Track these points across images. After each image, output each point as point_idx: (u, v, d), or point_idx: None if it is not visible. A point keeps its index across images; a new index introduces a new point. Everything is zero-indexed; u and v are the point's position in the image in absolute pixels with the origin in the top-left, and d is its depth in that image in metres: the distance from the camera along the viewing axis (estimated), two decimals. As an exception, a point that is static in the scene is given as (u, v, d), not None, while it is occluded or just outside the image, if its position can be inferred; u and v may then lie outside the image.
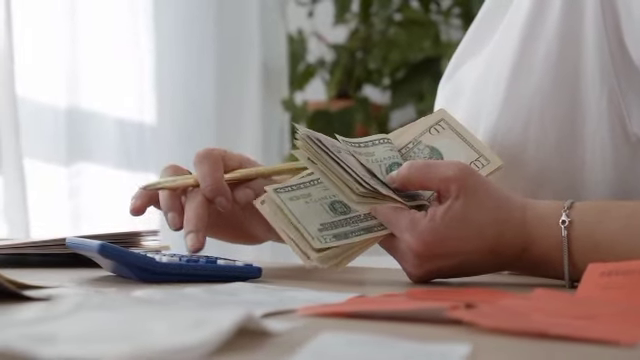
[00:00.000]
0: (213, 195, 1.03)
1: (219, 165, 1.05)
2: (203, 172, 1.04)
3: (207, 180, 1.03)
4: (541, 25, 1.09)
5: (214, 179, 1.03)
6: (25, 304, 0.73)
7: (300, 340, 0.59)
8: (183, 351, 0.48)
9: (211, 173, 1.04)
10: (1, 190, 1.73)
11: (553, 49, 1.08)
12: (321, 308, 0.70)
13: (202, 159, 1.05)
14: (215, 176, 1.04)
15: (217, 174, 1.04)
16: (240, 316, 0.54)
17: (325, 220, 0.96)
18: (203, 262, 0.95)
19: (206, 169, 1.04)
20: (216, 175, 1.04)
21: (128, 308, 0.58)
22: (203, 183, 1.04)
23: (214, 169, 1.04)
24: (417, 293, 0.85)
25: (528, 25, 1.10)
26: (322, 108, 2.75)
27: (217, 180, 1.04)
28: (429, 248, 0.94)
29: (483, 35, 1.23)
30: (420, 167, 0.97)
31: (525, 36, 1.10)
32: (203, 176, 1.04)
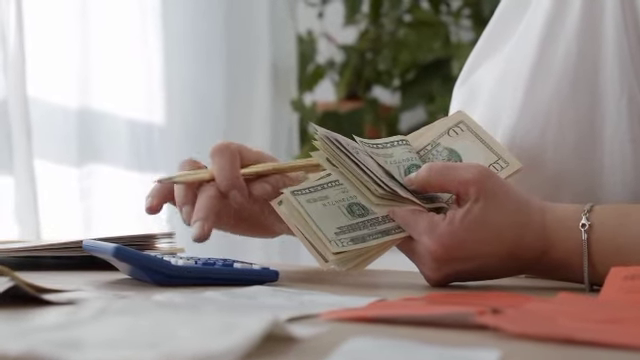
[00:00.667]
0: (227, 189, 1.02)
1: (235, 159, 1.04)
2: (219, 166, 1.03)
3: (222, 174, 1.02)
4: (561, 25, 1.08)
5: (229, 173, 1.02)
6: (45, 308, 0.72)
7: (326, 345, 0.58)
8: (212, 357, 0.48)
9: (226, 167, 1.03)
10: (12, 191, 1.72)
11: (572, 49, 1.07)
12: (345, 312, 0.69)
13: (218, 152, 1.04)
14: (230, 170, 1.03)
15: (233, 168, 1.03)
16: (267, 321, 0.53)
17: (342, 223, 0.95)
18: (219, 265, 0.94)
19: (222, 163, 1.03)
20: (232, 169, 1.03)
21: (152, 313, 0.57)
22: (218, 177, 1.03)
23: (230, 163, 1.03)
24: (437, 297, 0.85)
25: (547, 26, 1.09)
26: (331, 109, 2.74)
27: (232, 174, 1.03)
28: (448, 251, 0.93)
29: (498, 38, 1.22)
30: (439, 169, 0.96)
31: (544, 37, 1.09)
32: (218, 169, 1.03)
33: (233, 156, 1.04)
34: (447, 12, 2.80)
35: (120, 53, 2.15)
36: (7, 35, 1.71)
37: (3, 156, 1.71)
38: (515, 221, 0.94)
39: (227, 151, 1.04)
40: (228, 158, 1.03)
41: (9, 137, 1.71)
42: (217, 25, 2.46)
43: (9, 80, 1.71)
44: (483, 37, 1.26)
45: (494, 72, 1.17)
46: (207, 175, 1.04)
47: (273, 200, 1.01)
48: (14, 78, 1.73)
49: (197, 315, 0.56)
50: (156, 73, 2.26)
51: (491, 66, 1.21)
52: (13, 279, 0.73)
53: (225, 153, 1.03)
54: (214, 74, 2.45)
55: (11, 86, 1.72)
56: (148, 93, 2.23)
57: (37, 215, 1.75)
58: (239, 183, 1.03)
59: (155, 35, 2.26)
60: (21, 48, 1.74)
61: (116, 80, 2.13)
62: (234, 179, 1.02)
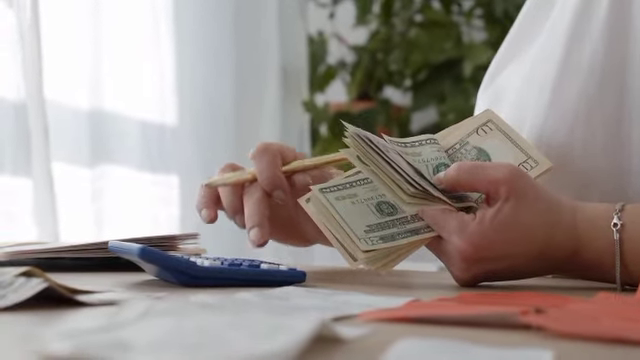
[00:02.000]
0: (271, 188, 1.04)
1: (277, 159, 1.06)
2: (261, 166, 1.05)
3: (265, 174, 1.05)
4: (587, 24, 1.08)
5: (272, 173, 1.05)
6: (80, 309, 0.71)
7: (373, 346, 0.57)
8: (269, 358, 0.47)
9: (269, 167, 1.05)
10: (31, 193, 1.71)
11: (599, 48, 1.06)
12: (385, 313, 0.68)
13: (260, 153, 1.06)
14: (273, 170, 1.05)
15: (275, 168, 1.05)
16: (316, 322, 0.52)
17: (372, 221, 0.94)
18: (246, 266, 0.93)
19: (264, 163, 1.05)
20: (274, 169, 1.05)
21: (196, 315, 0.56)
22: (261, 177, 1.05)
23: (272, 163, 1.05)
24: (469, 297, 0.83)
25: (574, 24, 1.08)
26: (343, 110, 2.73)
27: (275, 173, 1.05)
28: (477, 251, 0.92)
29: (522, 40, 1.22)
30: (469, 168, 0.95)
31: (571, 36, 1.08)
32: (261, 170, 1.05)
33: (274, 156, 1.06)
34: (459, 12, 2.79)
35: (132, 55, 2.14)
36: (25, 38, 1.71)
37: (22, 158, 1.70)
38: (546, 221, 0.93)
39: (268, 151, 1.06)
40: (269, 158, 1.05)
41: (28, 139, 1.71)
42: (227, 26, 2.45)
43: (28, 83, 1.70)
44: (507, 40, 1.26)
45: (520, 72, 1.16)
46: (250, 176, 1.06)
47: (301, 198, 1.00)
48: (32, 81, 1.72)
49: (242, 317, 0.55)
50: (168, 74, 2.25)
51: (516, 67, 1.20)
52: (46, 280, 0.72)
53: (266, 154, 1.06)
54: (224, 75, 2.44)
55: (29, 89, 1.71)
56: (160, 94, 2.22)
57: (55, 217, 1.74)
58: (282, 182, 1.05)
59: (167, 37, 2.25)
60: (38, 51, 1.73)
61: (128, 82, 2.13)
62: (277, 178, 1.05)
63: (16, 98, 1.72)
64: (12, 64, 1.71)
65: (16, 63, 1.71)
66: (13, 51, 1.71)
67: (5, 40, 1.71)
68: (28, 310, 0.69)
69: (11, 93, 1.71)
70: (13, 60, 1.71)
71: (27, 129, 1.70)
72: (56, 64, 1.88)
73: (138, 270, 1.02)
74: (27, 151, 1.70)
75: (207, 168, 2.36)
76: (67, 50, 1.96)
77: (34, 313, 0.69)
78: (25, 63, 1.70)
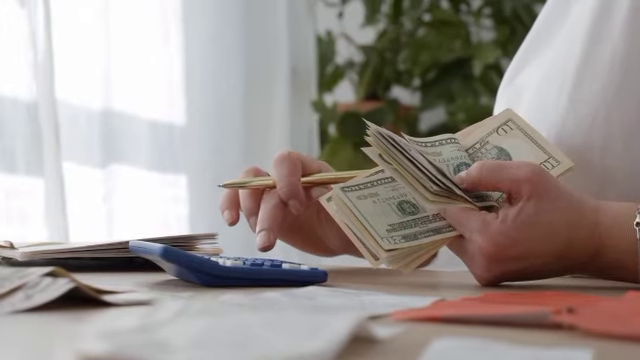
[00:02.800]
0: (287, 197, 1.04)
1: (297, 168, 1.06)
2: (280, 174, 1.05)
3: (283, 181, 1.05)
4: (607, 24, 1.07)
5: (290, 181, 1.05)
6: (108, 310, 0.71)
7: (408, 346, 0.57)
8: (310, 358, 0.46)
9: (288, 175, 1.05)
10: (43, 193, 1.71)
11: (619, 49, 1.06)
12: (415, 312, 0.68)
13: (281, 161, 1.06)
14: (291, 178, 1.05)
15: (293, 177, 1.05)
16: (354, 321, 0.52)
17: (393, 220, 0.94)
18: (268, 266, 0.93)
19: (284, 171, 1.05)
20: (292, 177, 1.05)
21: (232, 314, 0.56)
22: (279, 184, 1.05)
23: (291, 171, 1.05)
24: (495, 297, 0.83)
25: (594, 25, 1.08)
26: (351, 109, 2.73)
27: (293, 182, 1.05)
28: (500, 250, 0.91)
29: (542, 40, 1.22)
30: (491, 167, 0.94)
31: (590, 36, 1.08)
32: (280, 177, 1.05)
33: (294, 165, 1.06)
34: (467, 11, 2.78)
35: (141, 54, 2.14)
36: (37, 39, 1.70)
37: (34, 158, 1.70)
38: (568, 220, 0.93)
39: (289, 160, 1.06)
40: (288, 166, 1.05)
41: (40, 139, 1.71)
42: (236, 26, 2.44)
43: (39, 83, 1.70)
44: (527, 39, 1.26)
45: (539, 71, 1.16)
46: (271, 182, 1.06)
47: (322, 197, 0.99)
48: (44, 81, 1.72)
49: (279, 316, 0.55)
50: (177, 74, 2.25)
51: (535, 67, 1.20)
52: (72, 280, 0.71)
53: (286, 162, 1.06)
54: (233, 75, 2.44)
55: (41, 89, 1.71)
56: (169, 94, 2.22)
57: (65, 217, 1.74)
58: (298, 191, 1.05)
59: (176, 37, 2.25)
60: (50, 51, 1.73)
61: (137, 82, 2.12)
62: (294, 187, 1.05)
63: (28, 98, 1.72)
64: (24, 63, 1.71)
65: (28, 62, 1.71)
66: (25, 51, 1.71)
67: (17, 40, 1.70)
68: (54, 310, 0.69)
69: (23, 93, 1.71)
70: (25, 59, 1.71)
71: (39, 129, 1.70)
72: (66, 64, 1.88)
73: (155, 270, 1.02)
74: (39, 151, 1.70)
75: (216, 168, 2.35)
76: (77, 50, 1.95)
77: (61, 313, 0.69)
78: (37, 63, 1.70)
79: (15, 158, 1.69)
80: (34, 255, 1.04)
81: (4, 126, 1.68)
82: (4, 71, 1.70)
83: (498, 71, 2.72)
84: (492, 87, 2.71)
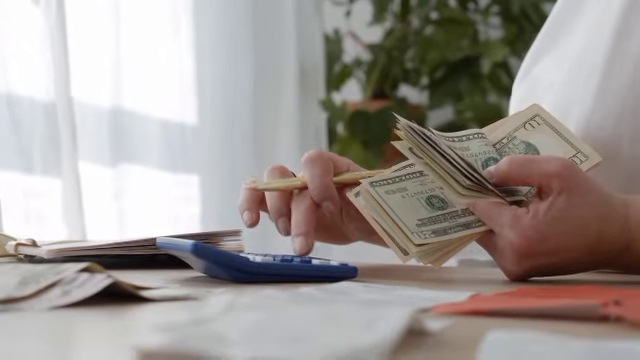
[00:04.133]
0: (321, 199, 1.01)
1: (329, 168, 1.03)
2: (313, 174, 1.02)
3: (316, 182, 1.02)
4: (636, 18, 1.07)
5: (323, 182, 1.02)
6: (146, 305, 0.70)
7: (458, 339, 0.56)
8: (363, 352, 0.46)
9: (321, 176, 1.02)
10: (60, 193, 1.71)
11: None
12: (458, 306, 0.67)
13: (313, 161, 1.03)
14: (324, 179, 1.02)
15: (326, 177, 1.02)
16: (409, 315, 0.51)
17: (423, 215, 0.93)
18: (297, 262, 0.92)
19: (316, 172, 1.02)
20: (325, 178, 1.02)
21: (284, 308, 0.55)
22: (312, 185, 1.02)
23: (324, 172, 1.02)
24: (529, 291, 0.83)
25: (623, 18, 1.08)
26: (360, 108, 2.72)
27: (326, 184, 1.02)
28: (531, 245, 0.91)
29: (559, 32, 1.21)
30: (521, 162, 0.94)
31: (619, 29, 1.07)
32: (312, 178, 1.02)
33: (326, 165, 1.03)
34: (475, 10, 2.78)
35: (152, 54, 2.14)
36: (53, 37, 1.70)
37: (52, 158, 1.70)
38: (598, 215, 0.93)
39: (320, 160, 1.03)
40: (321, 167, 1.02)
41: (57, 139, 1.70)
42: (245, 24, 2.44)
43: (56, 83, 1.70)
44: (542, 33, 1.25)
45: (563, 64, 1.15)
46: (299, 183, 1.03)
47: (350, 192, 0.99)
48: (59, 80, 1.71)
49: (331, 309, 0.54)
50: (187, 73, 2.24)
51: (553, 59, 1.19)
52: (110, 276, 0.71)
53: (318, 162, 1.03)
54: (242, 74, 2.43)
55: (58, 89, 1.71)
56: (180, 93, 2.22)
57: (82, 216, 1.73)
58: (332, 193, 1.02)
59: (187, 36, 2.25)
60: (65, 50, 1.72)
61: (148, 81, 2.12)
62: (327, 189, 1.02)
63: (45, 98, 1.71)
64: (41, 62, 1.70)
65: (45, 62, 1.70)
66: (42, 50, 1.70)
67: (34, 39, 1.70)
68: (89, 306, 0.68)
69: (40, 92, 1.71)
70: (42, 59, 1.70)
71: (57, 129, 1.70)
72: (78, 63, 1.87)
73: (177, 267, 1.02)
74: (57, 151, 1.70)
75: (226, 167, 2.35)
76: (88, 49, 1.95)
77: (97, 309, 0.68)
78: (55, 62, 1.70)
79: (32, 158, 1.69)
80: (59, 253, 1.03)
81: (21, 126, 1.68)
82: (20, 70, 1.69)
83: (506, 69, 2.72)
84: (500, 85, 2.71)
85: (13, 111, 1.67)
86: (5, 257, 1.12)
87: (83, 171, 1.84)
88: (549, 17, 1.25)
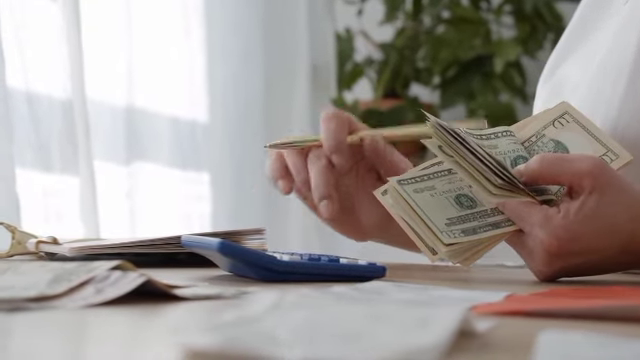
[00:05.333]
0: (332, 150, 1.05)
1: (344, 125, 1.06)
2: (328, 130, 1.06)
3: (329, 136, 1.05)
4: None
5: (336, 137, 1.05)
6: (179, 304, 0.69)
7: (505, 340, 0.55)
8: (419, 353, 0.45)
9: (335, 131, 1.05)
10: (78, 191, 1.70)
11: None
12: (498, 307, 0.66)
13: (330, 118, 1.07)
14: (338, 135, 1.05)
15: (341, 134, 1.05)
16: (461, 315, 0.50)
17: (452, 214, 0.92)
18: (325, 261, 0.91)
19: (331, 127, 1.06)
20: (339, 134, 1.05)
21: (329, 307, 0.54)
22: (326, 141, 1.05)
23: (339, 128, 1.06)
24: (563, 291, 0.82)
25: None
26: (371, 107, 2.71)
27: (338, 138, 1.05)
28: (562, 245, 0.90)
29: (582, 33, 1.21)
30: (552, 160, 0.93)
31: None
32: (327, 134, 1.06)
33: (342, 121, 1.06)
34: (487, 9, 2.76)
35: (163, 52, 2.13)
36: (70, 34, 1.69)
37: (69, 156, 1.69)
38: (630, 214, 0.92)
39: (336, 117, 1.07)
40: (337, 123, 1.06)
41: (74, 138, 1.69)
42: (256, 23, 2.43)
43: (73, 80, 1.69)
44: (566, 33, 1.25)
45: (589, 65, 1.14)
46: (318, 141, 1.07)
47: (377, 190, 0.97)
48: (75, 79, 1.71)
49: (378, 309, 0.53)
50: (199, 72, 2.24)
51: (579, 60, 1.19)
52: (143, 274, 0.70)
53: (334, 119, 1.06)
54: (254, 72, 2.43)
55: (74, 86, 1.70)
56: (191, 92, 2.21)
57: (97, 214, 1.72)
58: (343, 147, 1.05)
59: (198, 35, 2.24)
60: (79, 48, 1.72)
61: (160, 79, 2.12)
62: (339, 143, 1.05)
63: (62, 96, 1.70)
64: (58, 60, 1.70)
65: (62, 59, 1.69)
66: (60, 47, 1.69)
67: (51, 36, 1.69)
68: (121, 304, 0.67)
69: (58, 90, 1.70)
70: (59, 55, 1.70)
71: (73, 127, 1.69)
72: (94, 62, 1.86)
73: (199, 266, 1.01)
74: (74, 149, 1.69)
75: (238, 165, 2.34)
76: (103, 48, 1.94)
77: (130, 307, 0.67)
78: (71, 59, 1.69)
79: (51, 155, 1.68)
80: (82, 250, 1.02)
81: (39, 124, 1.67)
82: (39, 67, 1.68)
83: (518, 69, 2.71)
84: (512, 85, 2.70)
85: (32, 108, 1.66)
86: (26, 255, 1.12)
87: (97, 169, 1.83)
88: (573, 17, 1.25)
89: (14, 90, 1.60)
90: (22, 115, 1.64)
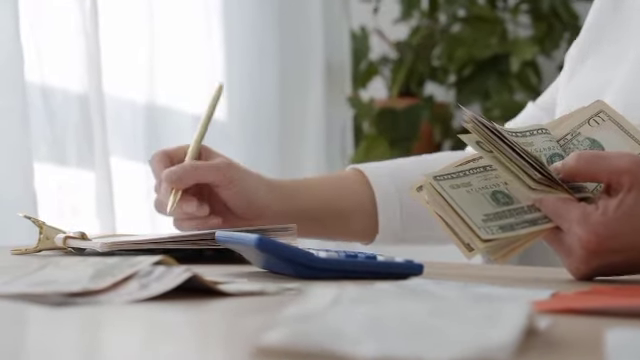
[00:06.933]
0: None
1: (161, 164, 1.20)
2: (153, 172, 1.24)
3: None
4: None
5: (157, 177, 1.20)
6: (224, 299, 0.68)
7: (565, 337, 0.55)
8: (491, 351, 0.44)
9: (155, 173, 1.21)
10: (94, 186, 1.69)
11: None
12: (547, 305, 0.65)
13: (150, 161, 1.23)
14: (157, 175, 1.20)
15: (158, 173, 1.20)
16: (526, 311, 0.50)
17: (488, 210, 0.91)
18: (363, 258, 0.90)
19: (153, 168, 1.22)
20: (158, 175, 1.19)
21: (392, 302, 0.53)
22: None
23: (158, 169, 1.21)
24: (606, 290, 0.81)
25: None
26: (387, 106, 2.70)
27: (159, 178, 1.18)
28: (601, 242, 0.89)
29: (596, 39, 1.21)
30: (590, 158, 0.92)
31: None
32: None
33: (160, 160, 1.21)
34: (504, 8, 2.75)
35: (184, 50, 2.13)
36: (87, 30, 1.69)
37: (85, 151, 1.68)
38: None
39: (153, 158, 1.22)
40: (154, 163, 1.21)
41: (91, 132, 1.69)
42: (272, 21, 2.42)
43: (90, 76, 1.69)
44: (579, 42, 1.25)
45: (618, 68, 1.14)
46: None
47: (412, 185, 0.96)
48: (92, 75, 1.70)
49: (440, 305, 0.52)
50: (218, 70, 2.23)
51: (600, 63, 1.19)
52: (188, 269, 0.69)
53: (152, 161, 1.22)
54: (270, 71, 2.42)
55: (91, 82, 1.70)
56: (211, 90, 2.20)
57: (113, 211, 1.71)
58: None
59: (218, 33, 2.23)
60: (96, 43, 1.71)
61: (180, 77, 2.11)
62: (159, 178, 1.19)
63: (80, 90, 1.70)
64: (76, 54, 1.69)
65: (80, 53, 1.69)
66: (77, 41, 1.69)
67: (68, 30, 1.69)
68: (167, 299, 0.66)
69: (75, 85, 1.69)
70: (78, 49, 1.69)
71: (90, 122, 1.68)
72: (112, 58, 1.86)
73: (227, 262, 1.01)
74: (90, 144, 1.68)
75: (254, 163, 2.33)
76: (122, 43, 1.94)
77: (173, 302, 0.66)
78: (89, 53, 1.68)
79: (66, 150, 1.67)
80: (113, 246, 1.02)
81: (54, 117, 1.66)
82: (55, 61, 1.68)
83: (534, 68, 2.70)
84: (528, 84, 2.69)
85: (48, 102, 1.66)
86: (53, 250, 1.11)
87: (117, 166, 1.83)
88: (585, 24, 1.26)
89: (30, 83, 1.59)
90: (38, 108, 1.64)
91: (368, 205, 1.28)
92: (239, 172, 1.19)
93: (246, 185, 1.18)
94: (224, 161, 1.18)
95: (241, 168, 1.20)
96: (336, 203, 1.27)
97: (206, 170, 1.16)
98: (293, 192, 1.25)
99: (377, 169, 1.30)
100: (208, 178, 1.16)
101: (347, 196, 1.28)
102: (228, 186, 1.16)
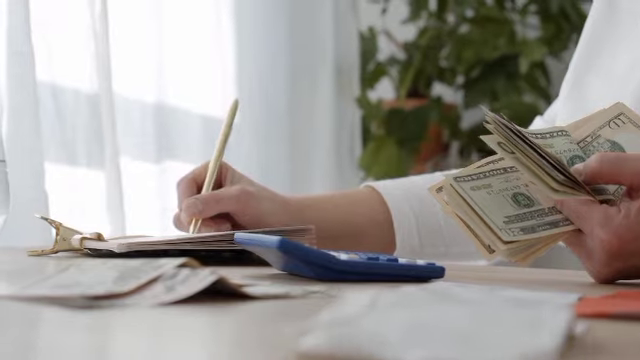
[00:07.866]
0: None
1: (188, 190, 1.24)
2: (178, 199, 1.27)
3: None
4: None
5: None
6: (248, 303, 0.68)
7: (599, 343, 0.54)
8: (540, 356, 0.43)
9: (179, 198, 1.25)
10: (104, 186, 1.69)
11: None
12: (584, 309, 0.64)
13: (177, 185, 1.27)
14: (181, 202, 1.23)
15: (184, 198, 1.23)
16: (567, 317, 0.49)
17: (509, 212, 0.91)
18: (384, 260, 0.90)
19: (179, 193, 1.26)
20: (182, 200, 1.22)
21: (430, 305, 0.53)
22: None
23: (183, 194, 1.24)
24: (631, 294, 0.80)
25: None
26: (395, 107, 2.70)
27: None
28: (623, 245, 0.88)
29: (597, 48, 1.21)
30: (612, 160, 0.91)
31: None
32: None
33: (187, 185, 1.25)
34: (512, 8, 2.75)
35: (195, 50, 2.12)
36: (96, 29, 1.68)
37: (95, 151, 1.68)
38: None
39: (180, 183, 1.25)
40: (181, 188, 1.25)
41: (101, 132, 1.68)
42: (282, 22, 2.42)
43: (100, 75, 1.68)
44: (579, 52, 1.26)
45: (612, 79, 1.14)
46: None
47: (431, 186, 0.96)
48: (102, 74, 1.69)
49: (479, 308, 0.52)
50: (229, 70, 2.23)
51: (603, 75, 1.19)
52: (214, 272, 0.68)
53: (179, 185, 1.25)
54: (279, 71, 2.42)
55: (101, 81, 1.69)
56: (221, 90, 2.20)
57: (122, 211, 1.71)
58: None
59: (228, 33, 2.23)
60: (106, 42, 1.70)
61: (191, 77, 2.10)
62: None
63: (90, 90, 1.69)
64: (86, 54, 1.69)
65: (90, 53, 1.68)
66: (87, 41, 1.68)
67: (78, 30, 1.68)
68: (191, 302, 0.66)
69: (85, 84, 1.69)
70: (87, 50, 1.68)
71: (100, 122, 1.68)
72: (121, 58, 1.85)
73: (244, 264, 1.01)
74: (100, 144, 1.68)
75: (264, 164, 2.33)
76: (132, 43, 1.93)
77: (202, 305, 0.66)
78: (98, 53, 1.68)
79: (76, 150, 1.67)
80: (131, 247, 1.01)
81: (64, 118, 1.66)
82: (65, 61, 1.67)
83: (543, 69, 2.69)
84: (536, 85, 2.68)
85: (58, 101, 1.65)
86: (69, 251, 1.10)
87: (127, 166, 1.82)
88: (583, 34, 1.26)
89: (41, 83, 1.58)
90: (48, 109, 1.63)
91: (383, 222, 1.29)
92: (256, 199, 1.21)
93: (263, 209, 1.21)
94: (244, 191, 1.21)
95: (257, 195, 1.22)
96: (350, 220, 1.28)
97: (226, 202, 1.19)
98: (306, 210, 1.26)
99: (390, 186, 1.31)
100: (229, 209, 1.19)
101: (361, 213, 1.29)
102: (245, 212, 1.19)
